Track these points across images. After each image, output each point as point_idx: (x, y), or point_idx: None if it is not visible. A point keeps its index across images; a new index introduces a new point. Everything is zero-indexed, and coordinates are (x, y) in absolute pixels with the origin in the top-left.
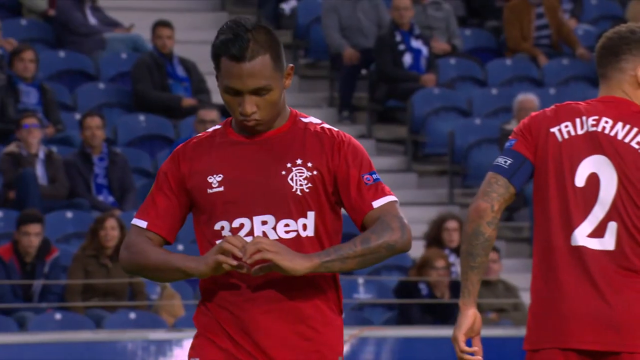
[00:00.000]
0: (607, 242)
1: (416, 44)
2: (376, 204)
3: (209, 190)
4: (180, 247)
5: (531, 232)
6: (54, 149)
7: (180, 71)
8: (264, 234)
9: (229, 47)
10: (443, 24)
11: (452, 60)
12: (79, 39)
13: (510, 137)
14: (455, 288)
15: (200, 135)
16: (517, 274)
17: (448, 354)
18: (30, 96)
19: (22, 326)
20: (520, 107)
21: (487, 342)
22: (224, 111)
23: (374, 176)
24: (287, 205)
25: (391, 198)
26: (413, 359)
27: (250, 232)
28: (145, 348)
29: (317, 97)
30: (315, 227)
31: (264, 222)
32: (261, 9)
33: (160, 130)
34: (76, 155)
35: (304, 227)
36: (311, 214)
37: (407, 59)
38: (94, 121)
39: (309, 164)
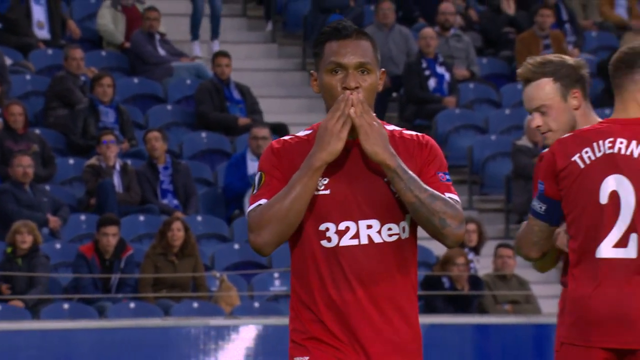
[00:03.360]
0: (630, 252)
1: (440, 70)
2: (448, 196)
3: (315, 192)
4: (236, 246)
5: None
6: (129, 161)
7: (236, 95)
8: (369, 237)
9: (335, 30)
10: (463, 53)
11: (471, 85)
12: (150, 68)
13: (539, 178)
14: (473, 282)
15: (293, 137)
16: (528, 269)
17: (468, 339)
18: (108, 116)
19: (101, 314)
20: (530, 126)
21: (502, 329)
22: (275, 129)
23: (447, 177)
24: (390, 210)
25: (459, 199)
26: (437, 343)
27: (356, 235)
28: (206, 333)
29: None
30: (410, 229)
31: (369, 226)
32: (306, 41)
33: (219, 146)
34: (145, 167)
35: (404, 229)
36: (408, 216)
37: (432, 83)
38: (153, 134)
39: None
